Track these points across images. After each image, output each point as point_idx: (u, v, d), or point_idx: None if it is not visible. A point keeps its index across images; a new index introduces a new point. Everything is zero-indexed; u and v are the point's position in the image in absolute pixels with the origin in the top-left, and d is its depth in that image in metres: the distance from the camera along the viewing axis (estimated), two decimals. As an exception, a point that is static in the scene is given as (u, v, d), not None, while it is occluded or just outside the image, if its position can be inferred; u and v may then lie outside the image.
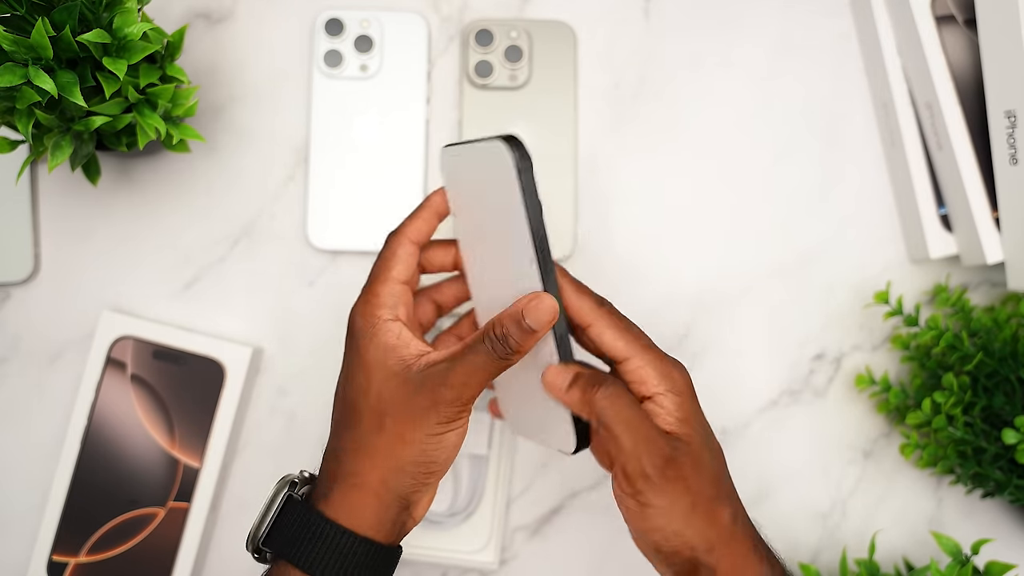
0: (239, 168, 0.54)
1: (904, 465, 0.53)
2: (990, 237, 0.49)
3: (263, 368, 0.53)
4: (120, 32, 0.41)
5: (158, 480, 0.50)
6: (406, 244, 0.38)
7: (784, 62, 0.54)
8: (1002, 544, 0.52)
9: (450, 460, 0.36)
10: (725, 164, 0.54)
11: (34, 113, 0.40)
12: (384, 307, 0.36)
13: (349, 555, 0.34)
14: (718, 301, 0.53)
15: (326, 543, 0.34)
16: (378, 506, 0.35)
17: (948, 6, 0.50)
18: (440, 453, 0.35)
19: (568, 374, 0.36)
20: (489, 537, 0.50)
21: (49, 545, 0.50)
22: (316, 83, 0.53)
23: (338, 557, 0.34)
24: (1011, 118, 0.46)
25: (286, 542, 0.35)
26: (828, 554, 0.52)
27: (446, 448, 0.35)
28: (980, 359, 0.47)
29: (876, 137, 0.54)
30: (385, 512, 0.35)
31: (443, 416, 0.34)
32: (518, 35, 0.53)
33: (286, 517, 0.35)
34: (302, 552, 0.34)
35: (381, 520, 0.35)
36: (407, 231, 0.38)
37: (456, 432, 0.35)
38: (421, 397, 0.34)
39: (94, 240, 0.53)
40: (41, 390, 0.53)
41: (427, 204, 0.39)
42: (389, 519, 0.35)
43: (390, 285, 0.37)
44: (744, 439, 0.53)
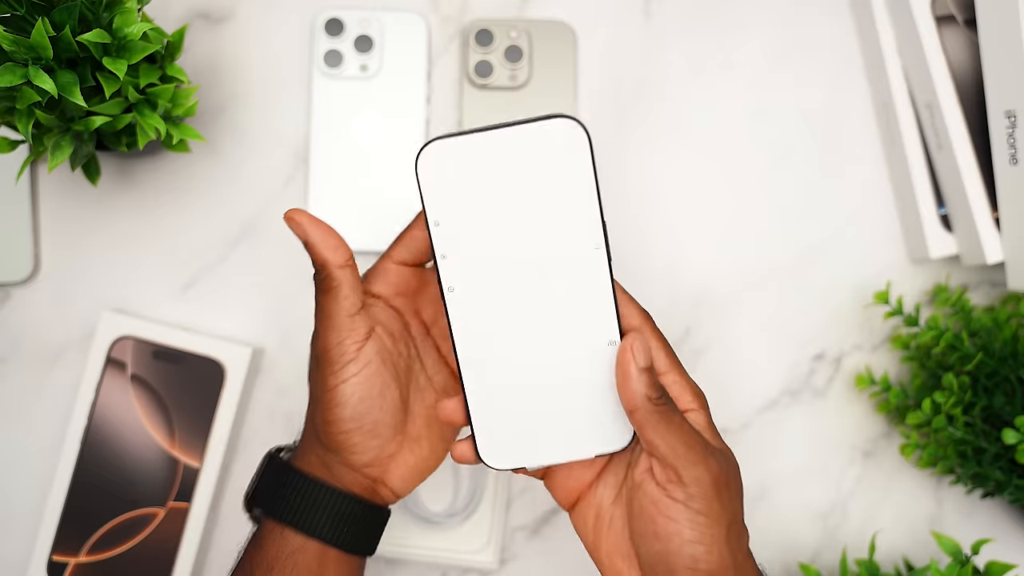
0: (239, 168, 0.54)
1: (904, 465, 0.53)
2: (990, 237, 0.49)
3: (263, 368, 0.53)
4: (120, 32, 0.41)
5: (158, 480, 0.50)
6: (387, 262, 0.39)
7: (784, 62, 0.54)
8: (1002, 544, 0.52)
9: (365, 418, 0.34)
10: (725, 164, 0.54)
11: (34, 113, 0.40)
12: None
13: (309, 500, 0.35)
14: (718, 301, 0.53)
15: (291, 490, 0.35)
16: (323, 463, 0.36)
17: (948, 6, 0.50)
18: (340, 410, 0.34)
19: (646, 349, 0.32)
20: (489, 537, 0.50)
21: (49, 545, 0.50)
22: (316, 83, 0.53)
23: (300, 502, 0.35)
24: (1011, 118, 0.46)
25: (267, 498, 0.36)
26: (828, 554, 0.52)
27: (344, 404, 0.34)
28: (980, 359, 0.47)
29: (876, 137, 0.54)
30: (333, 469, 0.36)
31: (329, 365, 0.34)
32: (518, 35, 0.53)
33: (267, 474, 0.37)
34: (273, 501, 0.36)
35: (336, 477, 0.36)
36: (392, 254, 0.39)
37: (351, 383, 0.34)
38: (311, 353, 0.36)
39: (94, 240, 0.53)
40: (41, 390, 0.53)
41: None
42: (344, 477, 0.36)
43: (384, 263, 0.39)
44: (744, 439, 0.53)
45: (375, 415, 0.35)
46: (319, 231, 0.35)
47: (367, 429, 0.35)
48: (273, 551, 0.35)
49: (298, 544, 0.35)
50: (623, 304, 0.34)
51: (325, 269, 0.35)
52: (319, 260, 0.35)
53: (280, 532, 0.35)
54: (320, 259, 0.35)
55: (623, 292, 0.35)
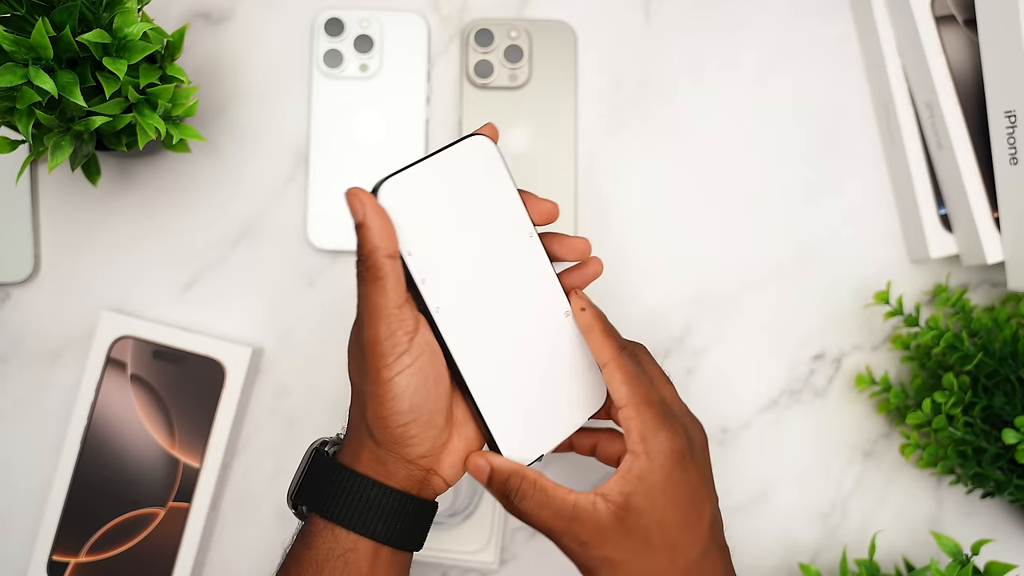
0: (239, 168, 0.54)
1: (904, 465, 0.53)
2: (990, 237, 0.49)
3: (263, 368, 0.53)
4: (120, 32, 0.41)
5: (158, 480, 0.50)
6: None
7: (784, 62, 0.54)
8: (1002, 544, 0.52)
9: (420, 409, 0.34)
10: (725, 164, 0.54)
11: (34, 113, 0.40)
12: None
13: (362, 499, 0.34)
14: (718, 301, 0.53)
15: (342, 489, 0.35)
16: (376, 459, 0.35)
17: (948, 6, 0.50)
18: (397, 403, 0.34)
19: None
20: (489, 537, 0.50)
21: (49, 545, 0.50)
22: (316, 83, 0.53)
23: (353, 501, 0.34)
24: (1011, 118, 0.46)
25: (312, 493, 0.36)
26: (828, 554, 0.52)
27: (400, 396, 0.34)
28: (980, 359, 0.47)
29: (876, 137, 0.54)
30: (387, 464, 0.35)
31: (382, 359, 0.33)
32: (518, 35, 0.53)
33: (313, 470, 0.37)
34: (322, 499, 0.35)
35: (389, 472, 0.35)
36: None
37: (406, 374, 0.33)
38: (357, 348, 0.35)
39: (94, 240, 0.53)
40: (41, 390, 0.53)
41: None
42: (398, 473, 0.35)
43: None
44: (744, 439, 0.53)
45: (431, 405, 0.34)
46: (377, 216, 0.33)
47: (424, 420, 0.34)
48: (324, 550, 0.34)
49: (350, 543, 0.34)
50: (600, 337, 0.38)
51: (372, 257, 0.33)
52: (369, 245, 0.33)
53: (331, 531, 0.35)
54: (370, 244, 0.33)
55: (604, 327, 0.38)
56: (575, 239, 0.38)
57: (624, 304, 0.53)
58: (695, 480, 0.35)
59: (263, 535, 0.52)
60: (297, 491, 0.37)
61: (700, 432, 0.38)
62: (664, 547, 0.34)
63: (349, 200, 0.34)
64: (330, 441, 0.39)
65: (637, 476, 0.34)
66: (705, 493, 0.36)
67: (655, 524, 0.34)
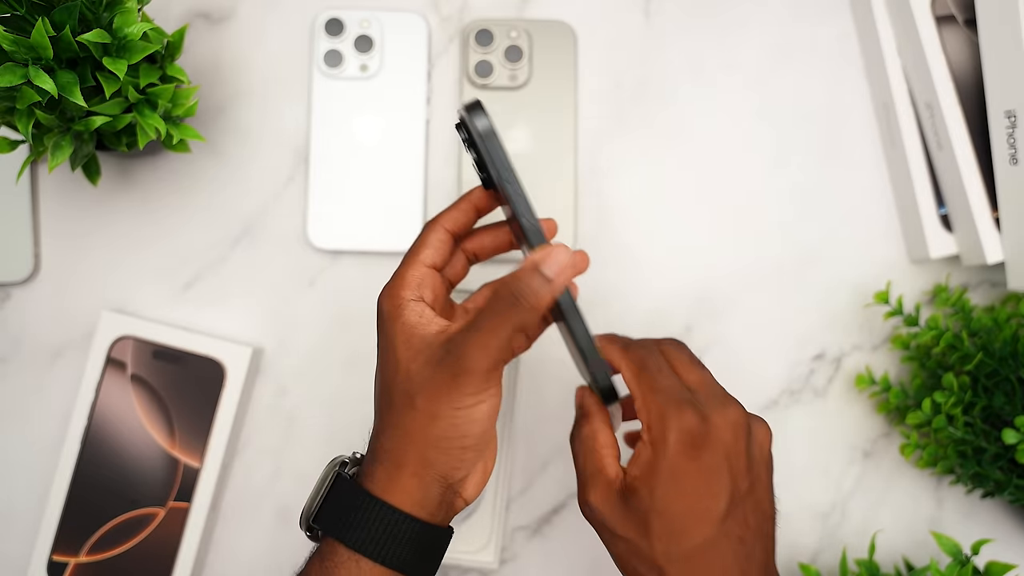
0: (239, 168, 0.54)
1: (904, 465, 0.53)
2: (990, 237, 0.49)
3: (263, 368, 0.53)
4: (120, 32, 0.41)
5: (158, 480, 0.50)
6: (439, 231, 0.38)
7: (784, 62, 0.54)
8: (1002, 544, 0.52)
9: (486, 434, 0.35)
10: (725, 164, 0.54)
11: (34, 113, 0.40)
12: (408, 288, 0.36)
13: (392, 531, 0.34)
14: (718, 301, 0.53)
15: (370, 519, 0.34)
16: (419, 485, 0.35)
17: (948, 6, 0.50)
18: (471, 427, 0.34)
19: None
20: (489, 537, 0.50)
21: (49, 545, 0.50)
22: (316, 83, 0.53)
23: (381, 533, 0.34)
24: (1011, 118, 0.46)
25: (333, 519, 0.35)
26: (828, 554, 0.52)
27: (477, 421, 0.34)
28: (980, 359, 0.47)
29: (876, 137, 0.54)
30: (427, 490, 0.35)
31: (466, 388, 0.33)
32: (518, 35, 0.53)
33: (334, 495, 0.36)
34: (346, 528, 0.34)
35: (425, 499, 0.35)
36: (442, 219, 0.38)
37: (486, 404, 0.34)
38: (443, 371, 0.34)
39: (94, 240, 0.53)
40: (41, 390, 0.53)
41: (467, 196, 0.39)
42: (433, 498, 0.35)
43: (416, 268, 0.37)
44: (744, 439, 0.53)
45: (492, 432, 0.35)
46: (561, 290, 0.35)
47: (482, 445, 0.35)
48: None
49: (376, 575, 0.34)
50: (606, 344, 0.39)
51: (537, 315, 0.34)
52: (539, 304, 0.34)
53: (356, 562, 0.34)
54: (540, 304, 0.34)
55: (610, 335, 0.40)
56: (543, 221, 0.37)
57: (624, 304, 0.53)
58: (710, 465, 0.34)
59: (263, 535, 0.52)
60: (317, 514, 0.36)
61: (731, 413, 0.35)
62: (663, 533, 0.33)
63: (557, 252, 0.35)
64: (350, 461, 0.38)
65: (644, 463, 0.34)
66: (724, 480, 0.34)
67: (655, 512, 0.33)
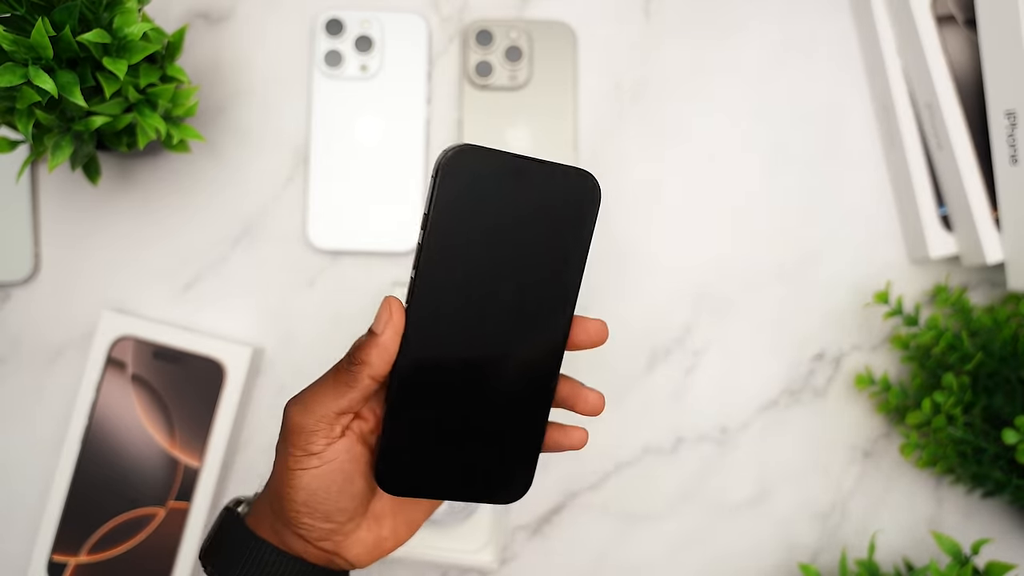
0: (239, 168, 0.54)
1: (904, 465, 0.53)
2: (990, 237, 0.49)
3: (263, 368, 0.53)
4: (120, 32, 0.41)
5: (158, 480, 0.50)
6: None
7: (784, 62, 0.54)
8: (1002, 544, 0.52)
9: (323, 506, 0.33)
10: (725, 164, 0.54)
11: (34, 113, 0.40)
12: None
13: (267, 567, 0.34)
14: (718, 301, 0.53)
15: (247, 554, 0.34)
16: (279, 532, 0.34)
17: (948, 6, 0.50)
18: (295, 493, 0.32)
19: None
20: (489, 537, 0.50)
21: (49, 545, 0.50)
22: (316, 83, 0.53)
23: (256, 569, 0.34)
24: (1011, 118, 0.46)
25: (220, 559, 0.35)
26: (828, 554, 0.52)
27: (300, 489, 0.32)
28: (980, 359, 0.47)
29: (876, 137, 0.54)
30: (287, 540, 0.34)
31: (291, 450, 0.32)
32: (518, 35, 0.53)
33: (223, 531, 0.36)
34: (228, 564, 0.34)
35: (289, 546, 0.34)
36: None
37: (309, 474, 0.32)
38: (282, 425, 0.33)
39: (94, 240, 0.53)
40: (41, 390, 0.53)
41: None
42: (297, 548, 0.34)
43: None
44: (744, 439, 0.53)
45: (329, 506, 0.33)
46: (392, 337, 0.31)
47: (319, 515, 0.33)
48: None
49: None
50: None
51: (360, 369, 0.31)
52: (367, 357, 0.31)
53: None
54: (368, 358, 0.31)
55: None
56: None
57: (624, 304, 0.53)
58: None
59: (263, 535, 0.52)
60: (207, 551, 0.36)
61: None
62: None
63: (383, 306, 0.31)
64: (245, 500, 0.37)
65: None
66: None
67: None
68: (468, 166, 0.31)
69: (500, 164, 0.31)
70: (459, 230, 0.31)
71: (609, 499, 0.53)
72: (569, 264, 0.32)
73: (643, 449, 0.53)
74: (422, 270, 0.31)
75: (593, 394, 0.35)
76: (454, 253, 0.31)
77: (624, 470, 0.53)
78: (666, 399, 0.53)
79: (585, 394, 0.34)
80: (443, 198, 0.31)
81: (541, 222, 0.32)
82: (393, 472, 0.33)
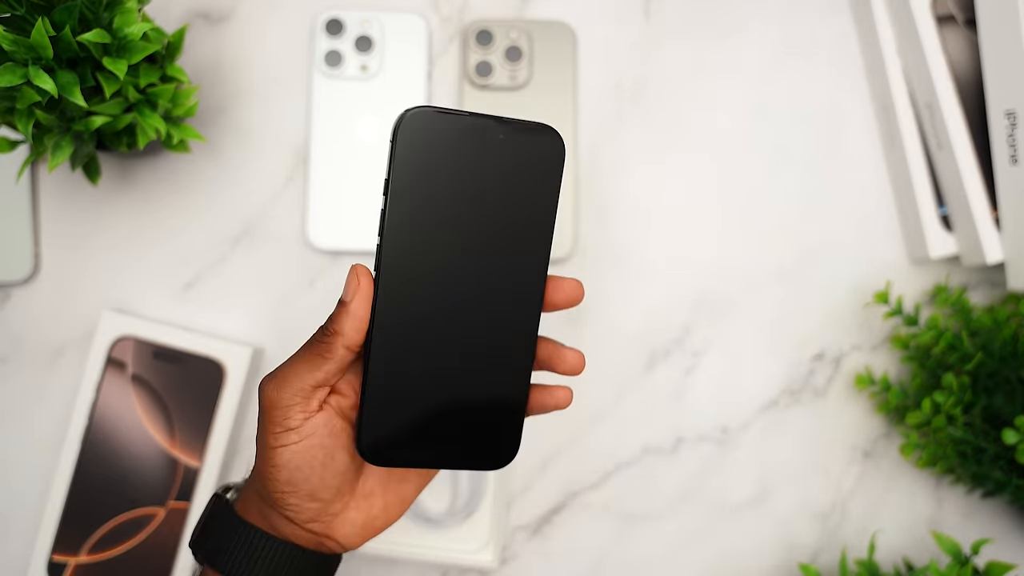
0: (239, 168, 0.54)
1: (904, 465, 0.53)
2: (990, 237, 0.49)
3: (263, 368, 0.53)
4: (120, 32, 0.41)
5: (158, 480, 0.50)
6: None
7: (784, 62, 0.54)
8: (1002, 544, 0.52)
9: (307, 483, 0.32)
10: (725, 164, 0.54)
11: (34, 113, 0.40)
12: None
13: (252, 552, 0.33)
14: (718, 301, 0.53)
15: (235, 539, 0.33)
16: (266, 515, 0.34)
17: (948, 6, 0.50)
18: (278, 472, 0.32)
19: None
20: (489, 537, 0.50)
21: (49, 545, 0.50)
22: (316, 83, 0.53)
23: (242, 555, 0.33)
24: (1011, 118, 0.46)
25: (207, 545, 0.34)
26: (828, 554, 0.52)
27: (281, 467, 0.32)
28: (980, 359, 0.47)
29: (876, 137, 0.54)
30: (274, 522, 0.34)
31: (268, 426, 0.32)
32: (518, 35, 0.53)
33: (212, 516, 0.35)
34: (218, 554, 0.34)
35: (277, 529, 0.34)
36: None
37: (290, 450, 0.32)
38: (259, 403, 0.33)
39: (94, 240, 0.53)
40: (41, 390, 0.53)
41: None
42: (286, 531, 0.34)
43: None
44: (744, 439, 0.53)
45: (314, 482, 0.33)
46: (363, 306, 0.31)
47: (304, 494, 0.33)
48: None
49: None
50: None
51: (334, 339, 0.31)
52: (339, 327, 0.31)
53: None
54: (340, 327, 0.31)
55: None
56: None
57: (624, 304, 0.53)
58: None
59: (263, 535, 0.52)
60: (196, 538, 0.35)
61: None
62: None
63: (350, 274, 0.31)
64: (234, 487, 0.37)
65: None
66: None
67: None
68: (425, 128, 0.30)
69: (458, 124, 0.31)
70: (421, 192, 0.31)
71: (609, 499, 0.53)
72: (538, 221, 0.32)
73: (643, 449, 0.53)
74: (387, 235, 0.31)
75: (572, 352, 0.34)
76: (418, 216, 0.31)
77: (624, 470, 0.53)
78: (666, 399, 0.53)
79: (564, 353, 0.34)
80: (401, 161, 0.30)
81: (505, 180, 0.32)
82: (373, 441, 0.32)
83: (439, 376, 0.32)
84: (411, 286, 0.31)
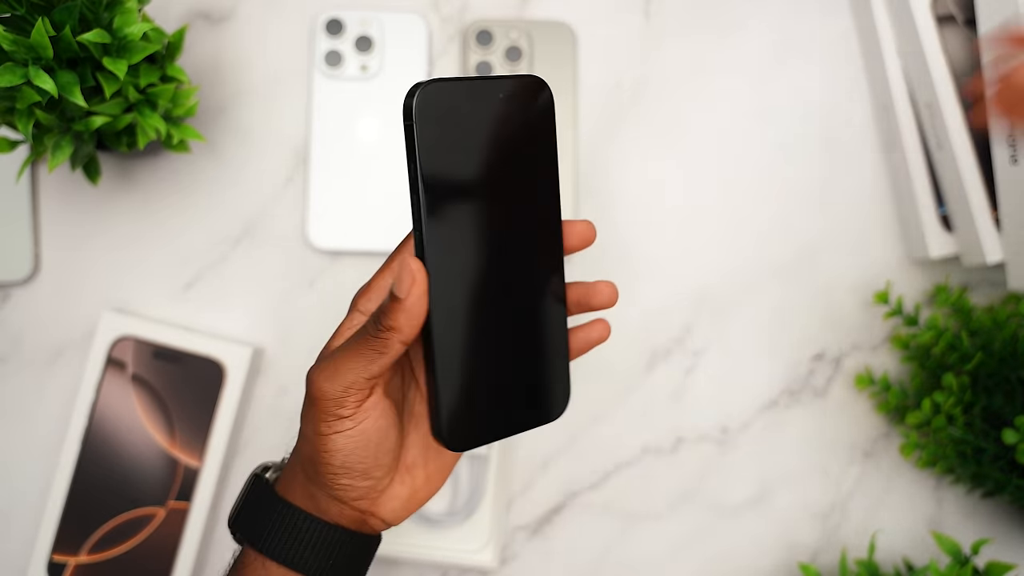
0: (239, 168, 0.54)
1: (904, 465, 0.53)
2: (990, 237, 0.49)
3: (263, 368, 0.53)
4: (120, 32, 0.41)
5: (158, 480, 0.50)
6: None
7: (784, 62, 0.54)
8: (1002, 544, 0.52)
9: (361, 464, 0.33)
10: (725, 164, 0.54)
11: (34, 113, 0.40)
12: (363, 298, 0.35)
13: (295, 533, 0.33)
14: (718, 301, 0.53)
15: (276, 521, 0.34)
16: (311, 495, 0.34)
17: (948, 6, 0.50)
18: (331, 456, 0.32)
19: None
20: (489, 537, 0.50)
21: (49, 545, 0.50)
22: (316, 83, 0.53)
23: (285, 535, 0.33)
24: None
25: (250, 525, 0.35)
26: (828, 554, 0.52)
27: (335, 452, 0.32)
28: (980, 359, 0.47)
29: (876, 137, 0.54)
30: (320, 503, 0.34)
31: (320, 416, 0.32)
32: (518, 35, 0.53)
33: (252, 496, 0.35)
34: (257, 530, 0.34)
35: (322, 510, 0.34)
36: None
37: (342, 436, 0.32)
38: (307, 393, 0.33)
39: (94, 240, 0.53)
40: (41, 390, 0.53)
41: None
42: (332, 511, 0.34)
43: None
44: (744, 439, 0.53)
45: (369, 462, 0.33)
46: (420, 303, 0.30)
47: (358, 473, 0.33)
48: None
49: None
50: None
51: (390, 335, 0.31)
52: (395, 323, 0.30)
53: (262, 564, 0.34)
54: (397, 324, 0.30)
55: None
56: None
57: (624, 304, 0.53)
58: None
59: (263, 535, 0.52)
60: (236, 518, 0.35)
61: None
62: None
63: (402, 270, 0.30)
64: (273, 466, 0.37)
65: None
66: None
67: None
68: (437, 100, 0.30)
69: (463, 91, 0.31)
70: (448, 168, 0.31)
71: (609, 499, 0.53)
72: (546, 168, 0.33)
73: (643, 449, 0.53)
74: (427, 220, 0.31)
75: (603, 284, 0.35)
76: (450, 192, 0.31)
77: (624, 470, 0.53)
78: (666, 399, 0.53)
79: (597, 287, 0.34)
80: (425, 140, 0.30)
81: (514, 135, 0.32)
82: (456, 429, 0.33)
83: (494, 345, 0.33)
84: (456, 267, 0.31)
